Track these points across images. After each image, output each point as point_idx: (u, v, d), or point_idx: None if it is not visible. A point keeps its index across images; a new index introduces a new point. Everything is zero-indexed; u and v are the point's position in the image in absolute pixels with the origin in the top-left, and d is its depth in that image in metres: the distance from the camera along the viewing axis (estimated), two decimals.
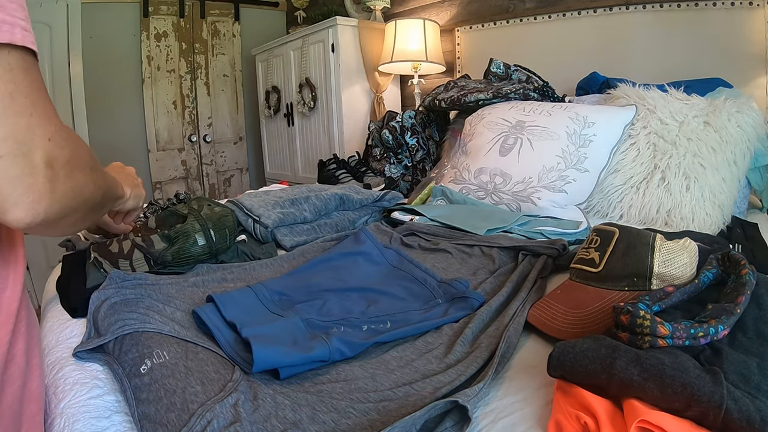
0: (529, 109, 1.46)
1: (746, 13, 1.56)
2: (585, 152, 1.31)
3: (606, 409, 0.43)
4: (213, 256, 0.95)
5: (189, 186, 3.13)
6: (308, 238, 1.11)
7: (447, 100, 1.78)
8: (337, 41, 2.44)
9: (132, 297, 0.72)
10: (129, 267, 0.88)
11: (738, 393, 0.40)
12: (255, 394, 0.52)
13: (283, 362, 0.55)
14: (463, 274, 0.89)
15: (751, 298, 0.55)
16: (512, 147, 1.38)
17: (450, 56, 2.47)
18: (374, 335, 0.64)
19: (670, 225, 1.19)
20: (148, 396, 0.52)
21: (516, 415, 0.48)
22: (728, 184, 1.21)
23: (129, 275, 0.81)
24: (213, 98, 3.20)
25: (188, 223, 0.93)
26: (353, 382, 0.55)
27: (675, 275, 0.63)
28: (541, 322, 0.66)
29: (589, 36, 1.93)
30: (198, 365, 0.56)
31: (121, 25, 2.80)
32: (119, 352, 0.59)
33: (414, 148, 1.91)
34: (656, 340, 0.47)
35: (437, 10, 2.52)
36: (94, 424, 0.50)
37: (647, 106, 1.36)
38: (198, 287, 0.81)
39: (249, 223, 1.15)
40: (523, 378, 0.55)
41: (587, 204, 1.33)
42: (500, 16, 2.23)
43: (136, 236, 0.91)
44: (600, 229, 0.72)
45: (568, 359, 0.47)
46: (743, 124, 1.25)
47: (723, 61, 1.62)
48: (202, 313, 0.65)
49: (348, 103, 2.51)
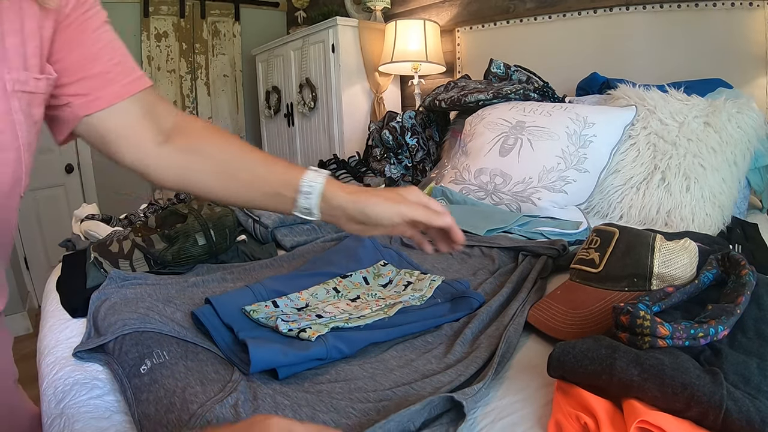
0: (529, 110, 1.46)
1: (746, 14, 1.56)
2: (585, 153, 1.31)
3: (606, 410, 0.43)
4: (213, 256, 0.95)
5: None
6: (308, 238, 1.11)
7: (447, 100, 1.78)
8: (337, 41, 2.44)
9: (132, 297, 0.72)
10: (129, 267, 0.88)
11: (738, 393, 0.40)
12: (255, 395, 0.52)
13: (280, 362, 0.55)
14: (463, 274, 0.89)
15: (751, 299, 0.55)
16: (512, 147, 1.38)
17: (450, 57, 2.47)
18: (373, 331, 0.64)
19: (670, 225, 1.19)
20: (148, 396, 0.52)
21: (516, 415, 0.48)
22: (728, 185, 1.21)
23: (129, 275, 0.81)
24: (213, 98, 3.21)
25: (188, 222, 0.93)
26: (353, 382, 0.55)
27: (675, 276, 0.63)
28: (541, 322, 0.66)
29: (589, 36, 1.93)
30: (198, 365, 0.56)
31: (122, 25, 2.80)
32: (119, 352, 0.59)
33: (414, 148, 1.91)
34: (656, 340, 0.47)
35: (437, 11, 2.52)
36: (94, 425, 0.50)
37: (647, 107, 1.36)
38: (198, 287, 0.81)
39: (249, 223, 1.15)
40: (523, 378, 0.55)
41: (587, 204, 1.33)
42: (500, 16, 2.23)
43: (137, 236, 0.91)
44: (600, 229, 0.72)
45: (568, 359, 0.47)
46: (743, 125, 1.25)
47: (723, 61, 1.62)
48: (201, 315, 0.65)
49: (348, 103, 2.51)
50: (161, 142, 0.61)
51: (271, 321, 0.63)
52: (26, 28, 0.48)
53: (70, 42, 0.53)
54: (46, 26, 0.50)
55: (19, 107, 0.47)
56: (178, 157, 0.61)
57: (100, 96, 0.55)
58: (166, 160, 0.61)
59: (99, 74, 0.55)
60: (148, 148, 0.60)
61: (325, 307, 0.69)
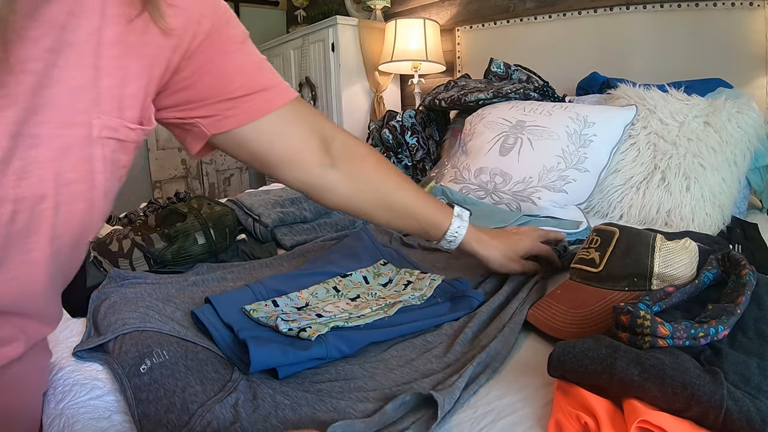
0: (529, 109, 1.46)
1: (746, 14, 1.56)
2: (585, 152, 1.31)
3: (606, 409, 0.43)
4: (213, 255, 0.95)
5: (189, 185, 3.13)
6: (308, 238, 1.11)
7: (447, 99, 1.77)
8: (337, 40, 2.44)
9: (132, 296, 0.72)
10: (129, 266, 0.88)
11: (738, 393, 0.40)
12: (254, 394, 0.52)
13: (280, 361, 0.55)
14: (463, 274, 0.89)
15: (751, 299, 0.55)
16: (512, 147, 1.38)
17: (450, 56, 2.47)
18: (373, 330, 0.64)
19: (670, 225, 1.19)
20: (148, 396, 0.52)
21: (516, 415, 0.48)
22: (728, 185, 1.21)
23: (129, 274, 0.81)
24: None
25: (188, 222, 0.93)
26: (353, 381, 0.55)
27: (675, 275, 0.63)
28: (541, 322, 0.66)
29: (590, 36, 1.93)
30: (198, 365, 0.56)
31: None
32: (119, 351, 0.59)
33: (414, 147, 1.91)
34: (656, 340, 0.47)
35: (437, 10, 2.51)
36: (94, 425, 0.50)
37: (647, 106, 1.36)
38: (198, 286, 0.81)
39: (249, 222, 1.15)
40: (523, 378, 0.55)
41: (587, 204, 1.33)
42: (500, 15, 2.23)
43: (136, 235, 0.91)
44: (600, 229, 0.72)
45: (569, 359, 0.47)
46: (743, 125, 1.25)
47: (723, 61, 1.62)
48: (201, 314, 0.65)
49: (348, 102, 2.51)
50: (327, 165, 0.65)
51: (271, 320, 0.63)
52: (132, 66, 0.43)
53: (201, 69, 0.51)
54: (165, 58, 0.46)
55: (102, 154, 0.42)
56: (344, 184, 0.68)
57: (230, 116, 0.55)
58: (333, 184, 0.67)
59: (230, 98, 0.54)
60: (312, 170, 0.64)
61: (325, 307, 0.69)
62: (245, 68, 0.55)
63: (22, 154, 0.36)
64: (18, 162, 0.36)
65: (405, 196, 0.72)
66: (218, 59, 0.52)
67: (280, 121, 0.59)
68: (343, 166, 0.67)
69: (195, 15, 0.47)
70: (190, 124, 0.55)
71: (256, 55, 0.57)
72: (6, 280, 0.39)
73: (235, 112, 0.55)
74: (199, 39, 0.49)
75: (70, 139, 0.39)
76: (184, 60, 0.49)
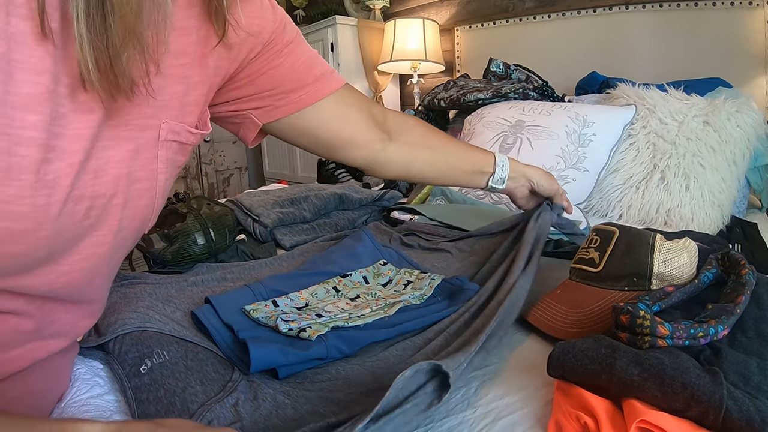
0: (528, 109, 1.46)
1: (746, 13, 1.57)
2: (584, 152, 1.31)
3: (606, 409, 0.43)
4: (212, 256, 0.95)
5: (188, 185, 3.13)
6: (308, 238, 1.11)
7: (446, 99, 1.77)
8: (336, 40, 2.44)
9: (131, 296, 0.72)
10: (128, 266, 0.88)
11: (738, 393, 0.40)
12: (255, 394, 0.52)
13: (280, 362, 0.55)
14: (463, 272, 0.89)
15: (751, 298, 0.55)
16: (512, 146, 1.38)
17: (449, 56, 2.47)
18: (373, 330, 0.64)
19: (670, 225, 1.19)
20: (148, 396, 0.52)
21: (516, 415, 0.48)
22: (728, 184, 1.21)
23: (128, 274, 0.81)
24: None
25: (188, 222, 0.93)
26: (353, 380, 0.55)
27: (675, 275, 0.63)
28: (541, 322, 0.66)
29: (589, 35, 1.93)
30: (198, 365, 0.56)
31: None
32: (119, 351, 0.59)
33: None
34: (656, 340, 0.47)
35: (437, 10, 2.51)
36: None
37: (647, 106, 1.36)
38: (198, 286, 0.81)
39: (248, 222, 1.15)
40: (523, 378, 0.55)
41: (587, 204, 1.33)
42: (500, 15, 2.23)
43: None
44: (600, 228, 0.72)
45: (568, 359, 0.47)
46: (743, 124, 1.25)
47: (723, 60, 1.62)
48: (201, 315, 0.65)
49: None
50: (386, 139, 0.71)
51: (271, 320, 0.63)
52: (195, 75, 0.46)
53: (256, 72, 0.55)
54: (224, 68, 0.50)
55: (165, 156, 0.45)
56: (403, 154, 0.74)
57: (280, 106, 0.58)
58: (392, 155, 0.73)
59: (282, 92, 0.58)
60: (374, 146, 0.70)
61: (325, 307, 0.69)
62: (296, 66, 0.58)
63: (99, 154, 0.39)
64: (95, 161, 0.39)
65: (454, 150, 0.79)
66: (274, 62, 0.55)
67: (334, 105, 0.63)
68: (401, 137, 0.73)
69: (255, 28, 0.51)
70: (242, 116, 0.59)
71: (307, 51, 0.60)
72: (74, 271, 0.41)
73: (286, 101, 0.59)
74: (257, 50, 0.53)
75: (142, 140, 0.42)
76: (241, 67, 0.53)
